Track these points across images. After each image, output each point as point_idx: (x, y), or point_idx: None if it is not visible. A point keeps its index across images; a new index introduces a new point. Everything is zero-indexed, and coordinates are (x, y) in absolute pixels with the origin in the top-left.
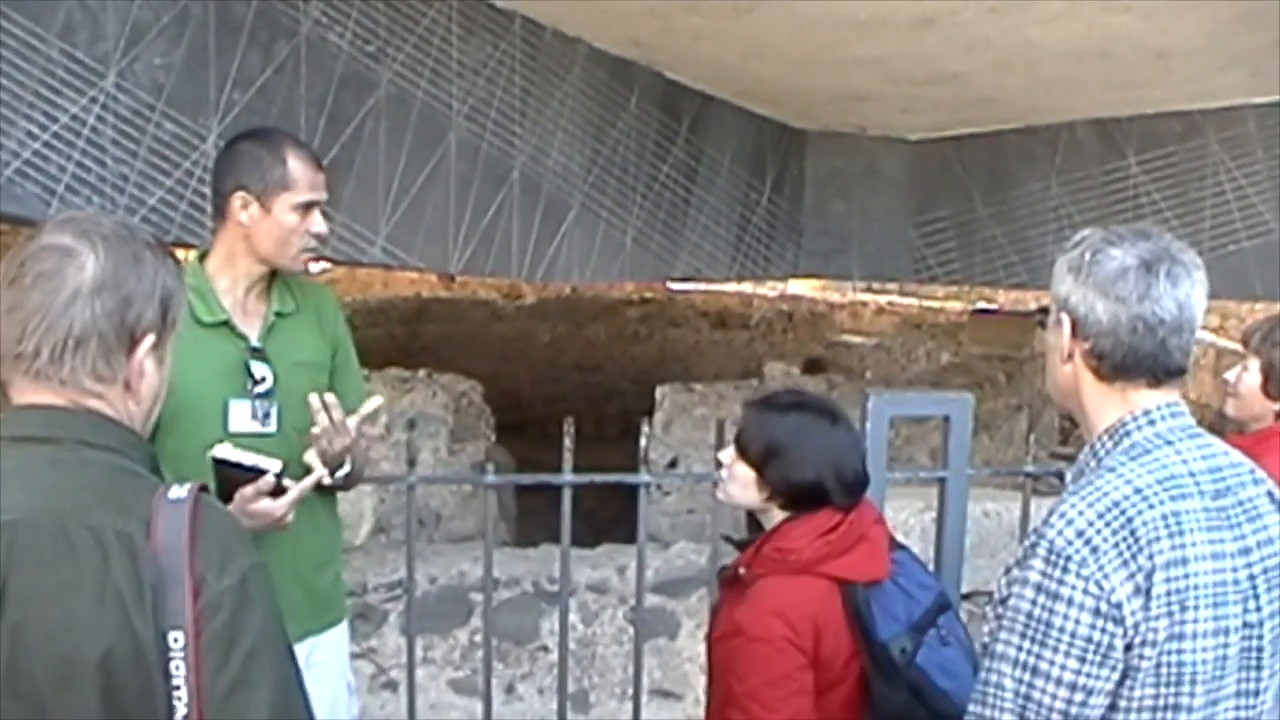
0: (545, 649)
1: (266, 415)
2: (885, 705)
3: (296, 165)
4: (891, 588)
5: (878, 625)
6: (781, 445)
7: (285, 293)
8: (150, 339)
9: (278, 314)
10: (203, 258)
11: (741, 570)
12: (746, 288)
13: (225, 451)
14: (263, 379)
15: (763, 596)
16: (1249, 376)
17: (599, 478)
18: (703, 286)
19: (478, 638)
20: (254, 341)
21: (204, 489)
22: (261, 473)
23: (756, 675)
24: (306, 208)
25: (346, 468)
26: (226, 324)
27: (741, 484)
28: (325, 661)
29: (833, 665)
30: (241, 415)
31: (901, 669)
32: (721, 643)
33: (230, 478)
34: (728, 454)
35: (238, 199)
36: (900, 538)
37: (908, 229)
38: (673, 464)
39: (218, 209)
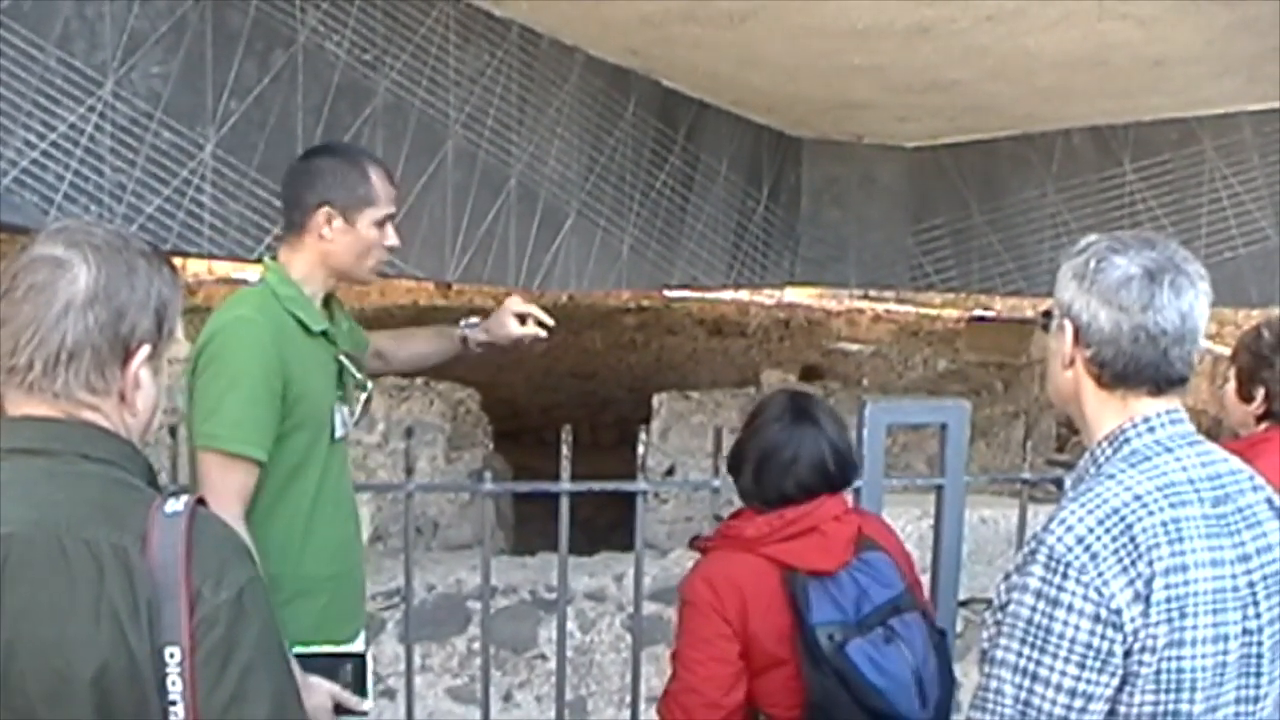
0: (543, 657)
1: (354, 418)
2: (813, 690)
3: (378, 181)
4: (846, 580)
5: (811, 610)
6: (737, 461)
7: (333, 301)
8: (145, 350)
9: (337, 321)
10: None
11: (702, 546)
12: (743, 295)
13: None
14: (365, 384)
15: (700, 565)
16: (1230, 384)
17: (597, 485)
18: (699, 294)
19: (475, 645)
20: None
21: (201, 502)
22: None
23: (684, 635)
24: (384, 222)
25: None
26: (325, 334)
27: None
28: None
29: (765, 643)
30: (341, 422)
31: (828, 656)
32: None
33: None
34: None
35: (322, 214)
36: None
37: (904, 236)
38: (670, 472)
39: (297, 223)
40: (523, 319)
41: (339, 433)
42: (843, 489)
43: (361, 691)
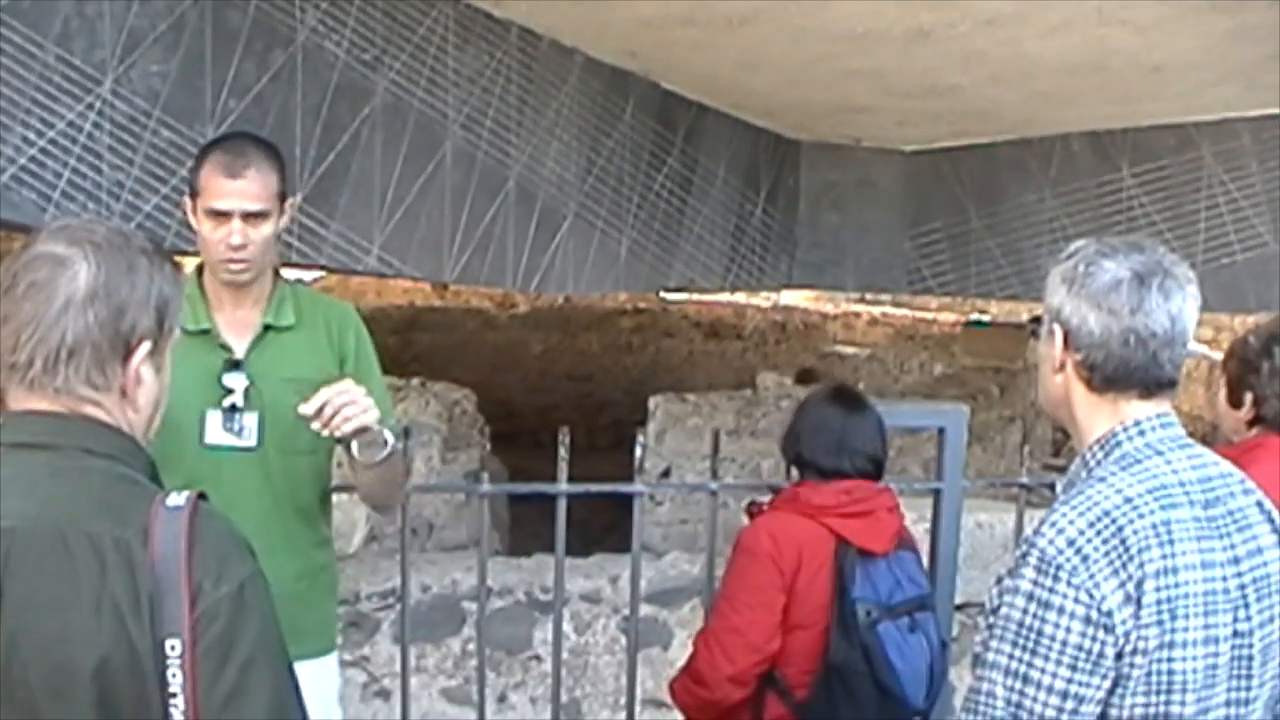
0: (538, 658)
1: (241, 429)
2: (836, 654)
3: (209, 169)
4: (884, 568)
5: (855, 584)
6: (791, 429)
7: (285, 306)
8: (146, 346)
9: (267, 326)
10: (203, 267)
11: (764, 506)
12: (740, 298)
13: None
14: (231, 391)
15: (764, 519)
16: (1223, 390)
17: (595, 487)
18: (696, 297)
19: (470, 647)
20: (238, 353)
21: (202, 497)
22: None
23: (736, 580)
24: (217, 216)
25: (384, 442)
26: (208, 332)
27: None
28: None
29: (804, 604)
30: (215, 427)
31: (861, 628)
32: None
33: None
34: None
35: (187, 204)
36: None
37: (902, 241)
38: (666, 474)
39: None
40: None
41: (210, 438)
42: (880, 475)
43: None
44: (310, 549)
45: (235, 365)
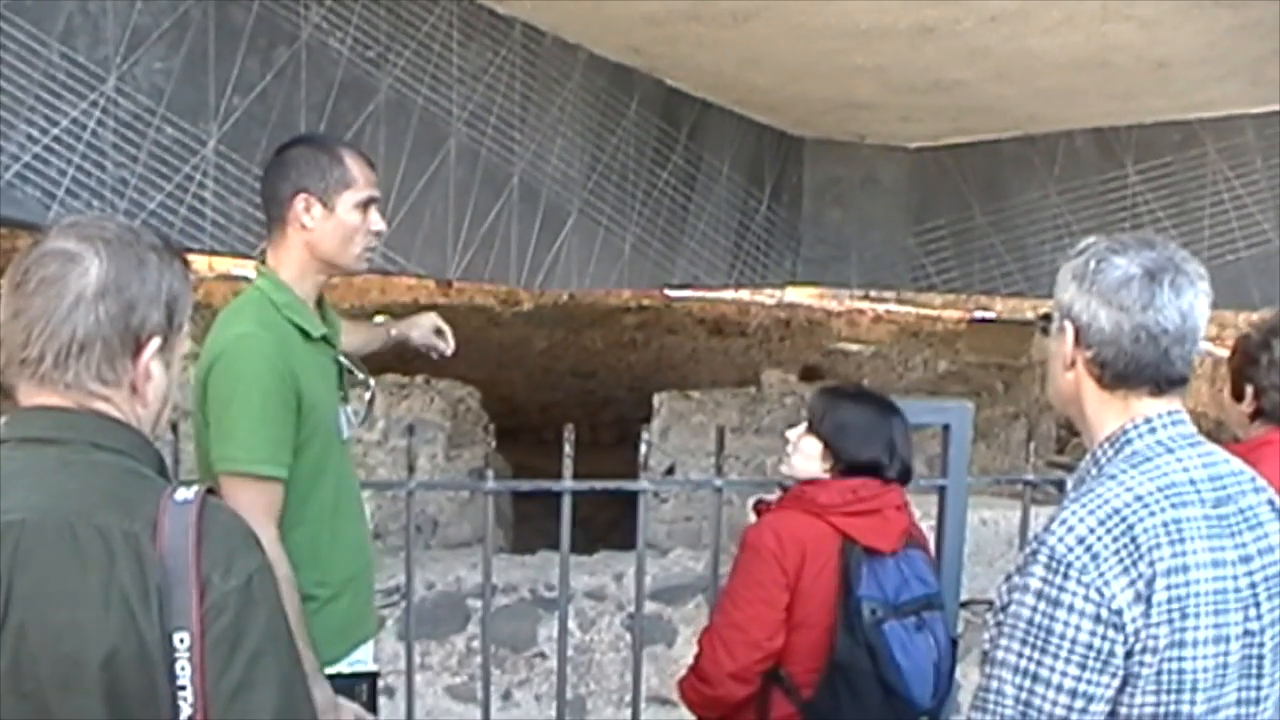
0: (542, 655)
1: (351, 420)
2: (841, 653)
3: (354, 164)
4: (892, 566)
5: (861, 583)
6: (851, 425)
7: (323, 299)
8: (156, 342)
9: (330, 320)
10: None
11: (772, 505)
12: (744, 295)
13: None
14: (369, 384)
15: (770, 517)
16: (1229, 385)
17: (599, 484)
18: (700, 294)
19: (475, 644)
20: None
21: (210, 491)
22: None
23: (739, 577)
24: (366, 205)
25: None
26: (325, 338)
27: (806, 456)
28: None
29: (808, 601)
30: (345, 422)
31: (866, 627)
32: None
33: None
34: (796, 431)
35: (300, 201)
36: None
37: (906, 237)
38: (670, 471)
39: (276, 218)
40: (439, 332)
41: (345, 434)
42: (906, 480)
43: (374, 709)
44: None
45: (351, 360)
